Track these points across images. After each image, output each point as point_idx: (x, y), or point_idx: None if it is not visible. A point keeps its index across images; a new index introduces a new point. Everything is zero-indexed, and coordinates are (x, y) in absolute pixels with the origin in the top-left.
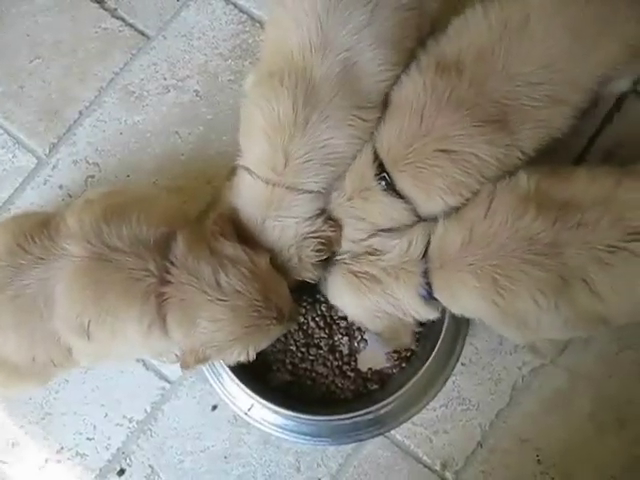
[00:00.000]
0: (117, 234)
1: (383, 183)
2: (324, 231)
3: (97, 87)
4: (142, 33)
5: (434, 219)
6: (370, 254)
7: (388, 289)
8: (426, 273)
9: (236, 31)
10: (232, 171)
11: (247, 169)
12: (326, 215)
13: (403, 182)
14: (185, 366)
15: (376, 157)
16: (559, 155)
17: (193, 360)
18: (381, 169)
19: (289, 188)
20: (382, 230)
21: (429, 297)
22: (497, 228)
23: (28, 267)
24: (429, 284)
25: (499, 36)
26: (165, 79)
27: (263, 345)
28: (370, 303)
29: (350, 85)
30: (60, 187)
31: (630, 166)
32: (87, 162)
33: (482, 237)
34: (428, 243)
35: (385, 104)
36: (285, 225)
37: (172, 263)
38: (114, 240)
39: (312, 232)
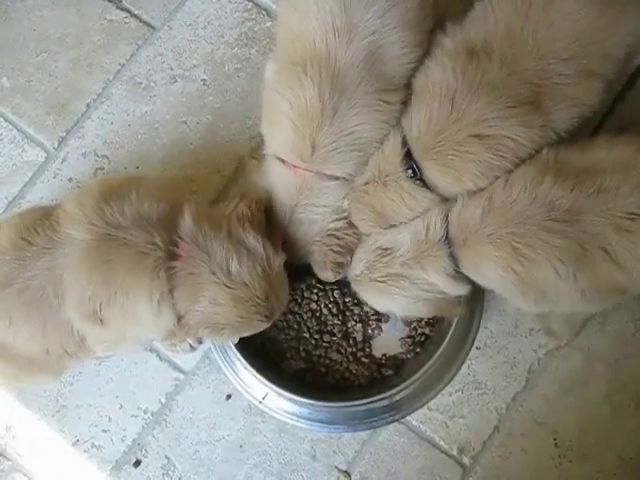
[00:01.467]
0: (119, 212)
1: (410, 171)
2: (347, 235)
3: (104, 79)
4: (148, 24)
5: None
6: (382, 256)
7: (417, 279)
8: (452, 254)
9: (242, 19)
10: (249, 158)
11: (276, 157)
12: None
13: (431, 171)
14: (171, 337)
15: (404, 144)
16: (572, 134)
17: (181, 335)
18: (409, 157)
19: (317, 174)
20: (382, 226)
21: (457, 275)
22: (516, 196)
23: (33, 259)
24: (455, 263)
25: (525, 15)
26: (172, 69)
27: (247, 334)
28: (406, 298)
29: (375, 69)
30: (70, 180)
31: None
32: (96, 155)
33: (501, 206)
34: (447, 223)
35: (409, 86)
36: (312, 219)
37: (180, 237)
38: (117, 218)
39: (336, 230)
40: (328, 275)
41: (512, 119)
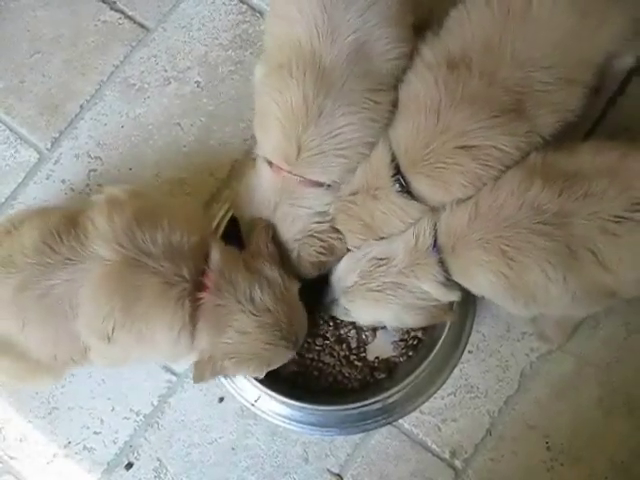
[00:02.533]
0: (151, 239)
1: (397, 185)
2: (331, 237)
3: (97, 80)
4: (142, 25)
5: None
6: (378, 266)
7: (412, 288)
8: (441, 261)
9: (236, 21)
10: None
11: (265, 159)
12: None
13: (419, 183)
14: (199, 378)
15: (393, 158)
16: (563, 140)
17: (209, 371)
18: (397, 170)
19: (301, 179)
20: (372, 238)
21: (448, 282)
22: (503, 200)
23: (56, 267)
24: (446, 270)
25: (503, 24)
26: (166, 71)
27: (274, 366)
28: (402, 307)
29: (361, 67)
30: (63, 181)
31: (636, 143)
32: (89, 156)
33: (488, 210)
34: (435, 231)
35: (395, 88)
36: (296, 215)
37: (209, 268)
38: (149, 245)
39: (319, 232)
40: (308, 271)
41: (497, 128)
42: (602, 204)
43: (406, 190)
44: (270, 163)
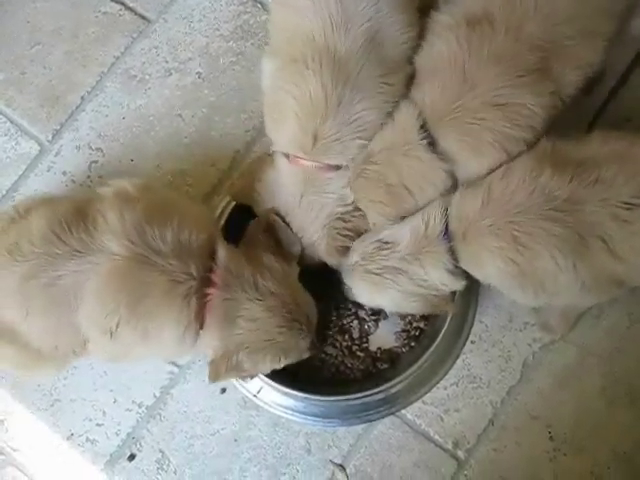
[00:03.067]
0: (161, 236)
1: (426, 141)
2: (355, 217)
3: (98, 72)
4: (142, 16)
5: (448, 195)
6: (381, 249)
7: (414, 275)
8: (451, 248)
9: (237, 12)
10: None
11: (283, 153)
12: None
13: (448, 139)
14: (214, 376)
15: (419, 114)
16: (565, 132)
17: (224, 366)
18: (424, 126)
19: (319, 165)
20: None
21: (456, 268)
22: (514, 187)
23: (64, 258)
24: (455, 258)
25: None
26: (167, 62)
27: (292, 355)
28: (401, 293)
29: (375, 54)
30: (64, 173)
31: None
32: (90, 147)
33: (500, 196)
34: (447, 217)
35: (408, 66)
36: (323, 203)
37: (217, 265)
38: (158, 242)
39: (343, 214)
40: (334, 260)
41: (524, 87)
42: (612, 190)
43: (434, 147)
44: (287, 155)
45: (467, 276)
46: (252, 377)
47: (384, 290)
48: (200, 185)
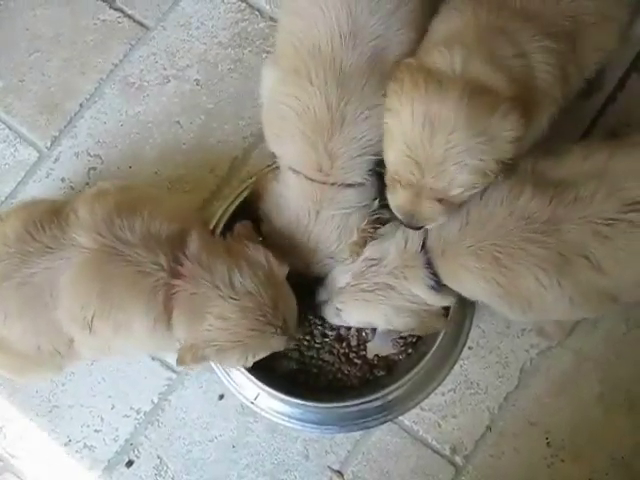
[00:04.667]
0: (129, 227)
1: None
2: (373, 228)
3: (97, 79)
4: (141, 24)
5: None
6: (370, 266)
7: (403, 290)
8: (429, 264)
9: (235, 19)
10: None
11: (291, 168)
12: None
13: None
14: (181, 362)
15: None
16: (562, 137)
17: (190, 357)
18: None
19: (339, 185)
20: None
21: (438, 286)
22: (493, 209)
23: (36, 255)
24: (435, 273)
25: None
26: (165, 69)
27: (261, 354)
28: (393, 309)
29: (378, 70)
30: (62, 180)
31: (621, 139)
32: (89, 154)
33: (479, 219)
34: (426, 235)
35: None
36: (344, 214)
37: (186, 257)
38: (125, 233)
39: (365, 226)
40: None
41: (552, 44)
42: (592, 208)
43: None
44: (297, 172)
45: (456, 293)
46: None
47: (377, 307)
48: (198, 191)
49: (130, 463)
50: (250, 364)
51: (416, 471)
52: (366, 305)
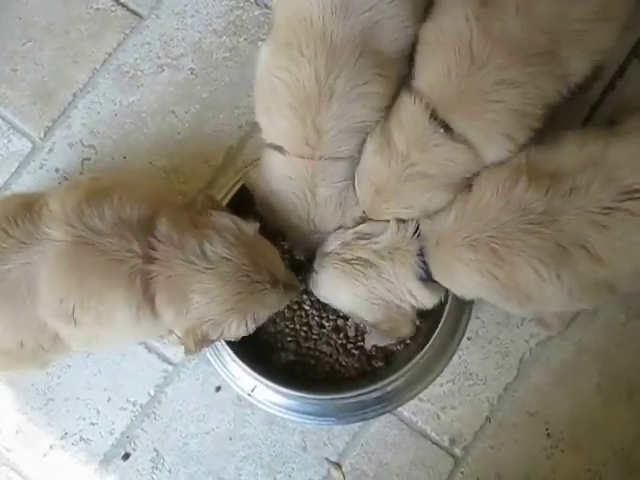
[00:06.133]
0: (99, 215)
1: (442, 130)
2: None
3: (91, 68)
4: (135, 12)
5: None
6: (360, 239)
7: (384, 273)
8: (422, 252)
9: (230, 7)
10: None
11: (276, 146)
12: None
13: (460, 123)
14: (188, 351)
15: (427, 105)
16: (561, 124)
17: (192, 341)
18: (434, 116)
19: (328, 159)
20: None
21: (427, 278)
22: (488, 200)
23: (10, 251)
24: (426, 264)
25: None
26: (159, 58)
27: (261, 315)
28: (365, 290)
29: (371, 45)
30: (56, 171)
31: (617, 126)
32: (83, 145)
33: (474, 210)
34: (419, 222)
35: (405, 58)
36: (342, 194)
37: (157, 239)
38: (96, 222)
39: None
40: None
41: (534, 67)
42: (588, 197)
43: (450, 132)
44: (283, 150)
45: (438, 294)
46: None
47: (349, 282)
48: (193, 181)
49: (127, 456)
50: (254, 329)
51: (415, 463)
52: (340, 276)
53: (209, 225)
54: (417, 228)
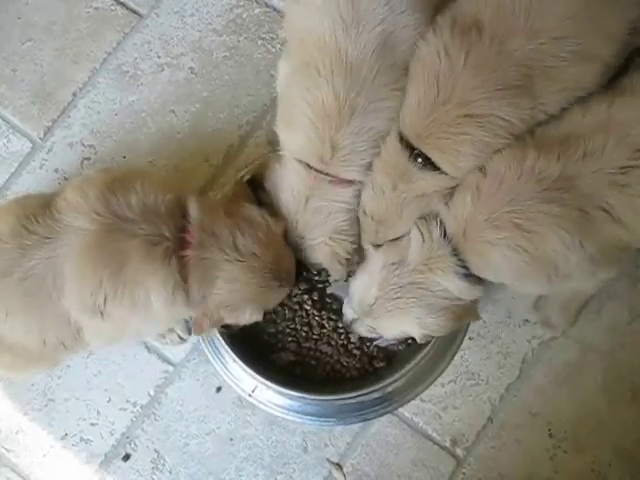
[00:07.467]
0: (126, 203)
1: (419, 160)
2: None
3: (90, 68)
4: (134, 12)
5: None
6: (392, 272)
7: (431, 286)
8: (455, 251)
9: (230, 6)
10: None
11: (294, 159)
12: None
13: (432, 154)
14: (198, 330)
15: (402, 137)
16: None
17: (207, 322)
18: (411, 147)
19: (334, 177)
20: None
21: (469, 274)
22: (502, 176)
23: (34, 247)
24: (463, 261)
25: None
26: (159, 57)
27: (270, 305)
28: (424, 310)
29: (388, 59)
30: (56, 171)
31: (620, 87)
32: (82, 144)
33: (489, 189)
34: (442, 221)
35: None
36: (332, 210)
37: (190, 223)
38: (123, 209)
39: (352, 229)
40: (338, 269)
41: (500, 100)
42: (604, 159)
43: (428, 162)
44: (300, 162)
45: (480, 281)
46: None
47: (409, 311)
48: (194, 180)
49: (127, 457)
50: (261, 316)
51: (416, 463)
52: (399, 313)
53: (240, 216)
54: (444, 230)
